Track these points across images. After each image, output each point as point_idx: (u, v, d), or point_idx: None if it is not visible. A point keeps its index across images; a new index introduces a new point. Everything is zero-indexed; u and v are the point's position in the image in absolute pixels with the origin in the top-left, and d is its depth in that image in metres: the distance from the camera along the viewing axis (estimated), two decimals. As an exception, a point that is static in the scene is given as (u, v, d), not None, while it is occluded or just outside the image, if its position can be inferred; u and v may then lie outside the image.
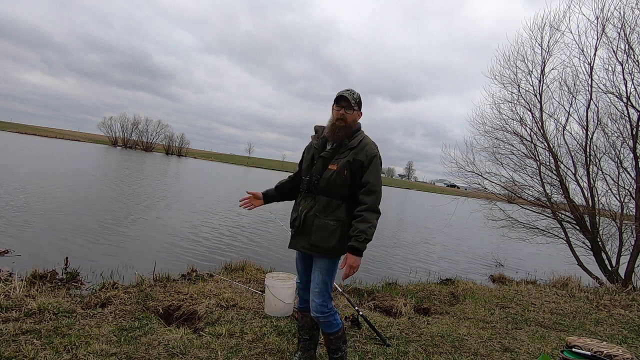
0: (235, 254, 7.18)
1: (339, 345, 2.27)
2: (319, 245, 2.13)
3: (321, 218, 2.13)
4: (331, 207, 2.13)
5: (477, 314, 4.20)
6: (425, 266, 8.80)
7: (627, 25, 5.96)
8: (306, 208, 2.19)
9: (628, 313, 4.61)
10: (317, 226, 2.13)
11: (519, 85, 7.36)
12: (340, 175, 2.11)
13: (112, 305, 3.28)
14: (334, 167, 2.13)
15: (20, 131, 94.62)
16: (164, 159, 59.50)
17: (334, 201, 2.13)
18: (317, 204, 2.15)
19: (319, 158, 2.20)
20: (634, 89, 6.10)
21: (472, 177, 8.05)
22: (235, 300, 3.63)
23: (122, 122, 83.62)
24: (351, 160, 2.11)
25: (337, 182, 2.11)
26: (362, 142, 2.16)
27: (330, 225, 2.11)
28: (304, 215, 2.18)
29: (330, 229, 2.11)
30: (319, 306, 2.16)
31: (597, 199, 6.93)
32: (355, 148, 2.14)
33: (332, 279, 2.21)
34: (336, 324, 2.23)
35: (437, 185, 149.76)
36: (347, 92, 2.16)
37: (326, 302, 2.17)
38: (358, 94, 2.21)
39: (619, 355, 2.43)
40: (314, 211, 2.15)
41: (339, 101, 2.15)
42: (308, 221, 2.17)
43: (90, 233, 7.42)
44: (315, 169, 2.19)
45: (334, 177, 2.11)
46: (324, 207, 2.13)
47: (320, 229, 2.12)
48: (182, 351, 2.49)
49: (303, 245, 2.20)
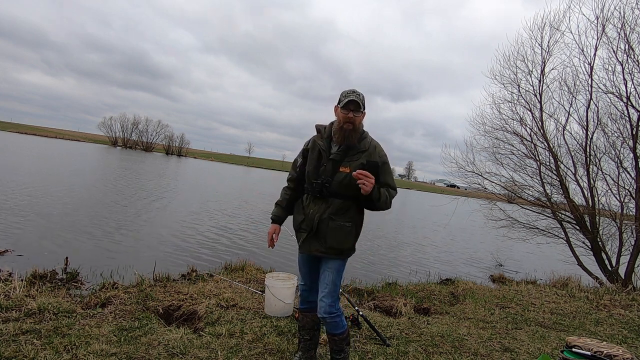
0: (235, 254, 7.18)
1: (342, 347, 2.27)
2: (336, 247, 2.15)
3: (336, 220, 2.14)
4: (344, 208, 2.15)
5: (477, 314, 4.20)
6: (425, 266, 8.80)
7: (627, 25, 5.96)
8: (318, 211, 2.16)
9: (628, 313, 4.61)
10: (332, 228, 2.14)
11: (519, 85, 7.36)
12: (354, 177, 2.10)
13: (112, 305, 3.28)
14: (346, 170, 2.13)
15: (20, 131, 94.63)
16: (164, 159, 59.50)
17: (347, 202, 2.16)
18: (331, 206, 2.15)
19: (329, 161, 2.18)
20: (634, 89, 6.10)
21: (472, 177, 8.05)
22: (235, 300, 3.63)
23: (122, 122, 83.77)
24: (364, 162, 2.11)
25: (352, 184, 2.08)
26: (371, 145, 2.21)
27: (347, 227, 2.15)
28: (318, 218, 2.16)
29: (347, 230, 2.15)
30: (327, 306, 2.16)
31: (597, 199, 6.92)
32: (367, 150, 2.18)
33: (341, 279, 2.24)
34: (342, 325, 2.24)
35: (437, 185, 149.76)
36: (354, 94, 2.13)
37: (334, 302, 2.18)
38: (363, 95, 2.19)
39: (619, 355, 2.43)
40: (328, 214, 2.14)
41: (348, 106, 2.12)
42: (323, 224, 2.15)
43: (90, 233, 7.42)
44: (325, 172, 2.17)
45: (348, 180, 2.10)
46: (337, 209, 2.14)
47: (337, 231, 2.14)
48: (182, 351, 2.49)
49: (317, 249, 2.18)
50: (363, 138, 2.22)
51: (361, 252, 9.15)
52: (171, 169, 35.40)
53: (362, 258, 8.40)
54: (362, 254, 8.80)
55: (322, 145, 2.23)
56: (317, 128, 2.33)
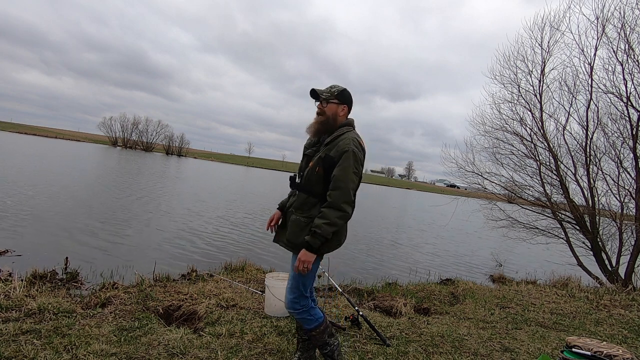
0: (235, 254, 7.18)
1: (324, 340, 2.24)
2: (291, 240, 2.13)
3: (296, 214, 2.13)
4: (307, 204, 2.10)
5: (477, 314, 4.20)
6: (425, 266, 8.80)
7: (627, 25, 5.97)
8: (288, 204, 2.24)
9: (628, 313, 4.61)
10: (291, 222, 2.14)
11: (519, 85, 7.37)
12: (313, 172, 2.08)
13: (112, 305, 3.28)
14: (311, 164, 2.12)
15: (20, 131, 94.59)
16: (164, 159, 59.49)
17: (311, 199, 2.10)
18: (297, 200, 2.16)
19: (304, 156, 2.22)
20: (634, 89, 6.10)
21: (472, 177, 8.06)
22: (235, 300, 3.63)
23: (122, 122, 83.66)
24: (323, 156, 2.06)
25: (311, 179, 2.08)
26: (338, 138, 2.07)
27: (302, 222, 2.09)
28: (286, 210, 2.24)
29: (302, 225, 2.08)
30: (289, 302, 2.17)
31: (597, 199, 6.92)
32: (330, 144, 2.08)
33: (306, 277, 2.12)
34: (313, 320, 2.20)
35: (437, 185, 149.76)
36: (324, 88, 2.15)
37: (298, 299, 2.15)
38: (339, 88, 2.15)
39: (619, 355, 2.43)
40: (292, 207, 2.17)
41: (311, 95, 2.14)
42: (287, 216, 2.21)
43: (90, 233, 7.42)
44: (301, 167, 2.23)
45: (308, 175, 2.10)
46: (300, 204, 2.13)
47: (293, 225, 2.12)
48: (182, 351, 2.49)
49: (282, 240, 2.23)
50: (335, 130, 2.13)
51: (361, 252, 9.15)
52: (171, 169, 35.40)
53: (362, 258, 8.41)
54: (362, 254, 8.81)
55: (308, 142, 2.27)
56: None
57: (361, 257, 8.41)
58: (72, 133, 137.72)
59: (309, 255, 2.01)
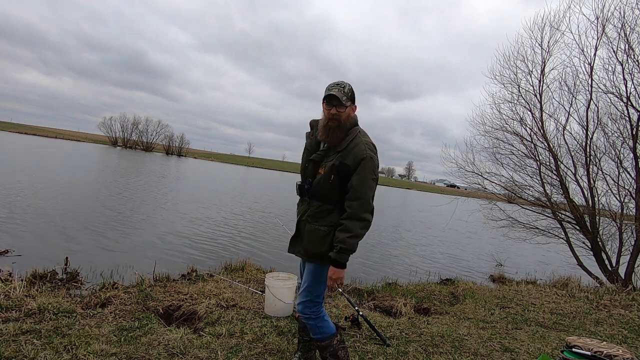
0: (235, 254, 7.18)
1: (325, 356, 2.16)
2: (310, 251, 2.05)
3: (312, 223, 2.04)
4: (323, 212, 2.02)
5: (477, 314, 4.20)
6: (425, 266, 8.80)
7: (627, 25, 5.97)
8: (300, 212, 2.14)
9: (628, 313, 4.61)
10: (308, 232, 2.06)
11: (519, 85, 7.37)
12: (327, 180, 1.98)
13: (112, 305, 3.28)
14: (322, 171, 2.02)
15: (20, 131, 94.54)
16: (164, 159, 59.49)
17: (326, 206, 2.02)
18: (310, 208, 2.07)
19: (309, 161, 2.09)
20: (634, 89, 6.10)
21: (472, 177, 8.06)
22: (235, 300, 3.63)
23: (122, 122, 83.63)
24: (337, 163, 1.95)
25: (324, 187, 2.00)
26: (351, 143, 1.97)
27: (321, 231, 2.01)
28: (298, 219, 2.14)
29: (321, 235, 2.01)
30: (301, 306, 2.13)
31: (597, 199, 6.93)
32: (343, 150, 1.97)
33: (319, 283, 2.09)
34: (321, 332, 2.13)
35: (437, 185, 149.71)
36: (336, 88, 1.96)
37: (310, 305, 2.11)
38: (349, 87, 2.01)
39: (619, 355, 2.43)
40: (306, 216, 2.08)
41: (330, 101, 1.96)
42: (301, 226, 2.11)
43: (90, 233, 7.42)
44: (307, 173, 2.10)
45: (321, 182, 2.00)
46: (315, 212, 2.04)
47: (311, 235, 2.04)
48: (182, 351, 2.49)
49: (299, 250, 2.15)
50: (347, 135, 2.01)
51: (361, 252, 9.15)
52: (172, 170, 35.40)
53: (362, 258, 8.40)
54: (362, 254, 8.80)
55: (309, 143, 2.15)
56: (311, 124, 2.20)
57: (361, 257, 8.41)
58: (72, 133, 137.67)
59: (339, 272, 1.97)
